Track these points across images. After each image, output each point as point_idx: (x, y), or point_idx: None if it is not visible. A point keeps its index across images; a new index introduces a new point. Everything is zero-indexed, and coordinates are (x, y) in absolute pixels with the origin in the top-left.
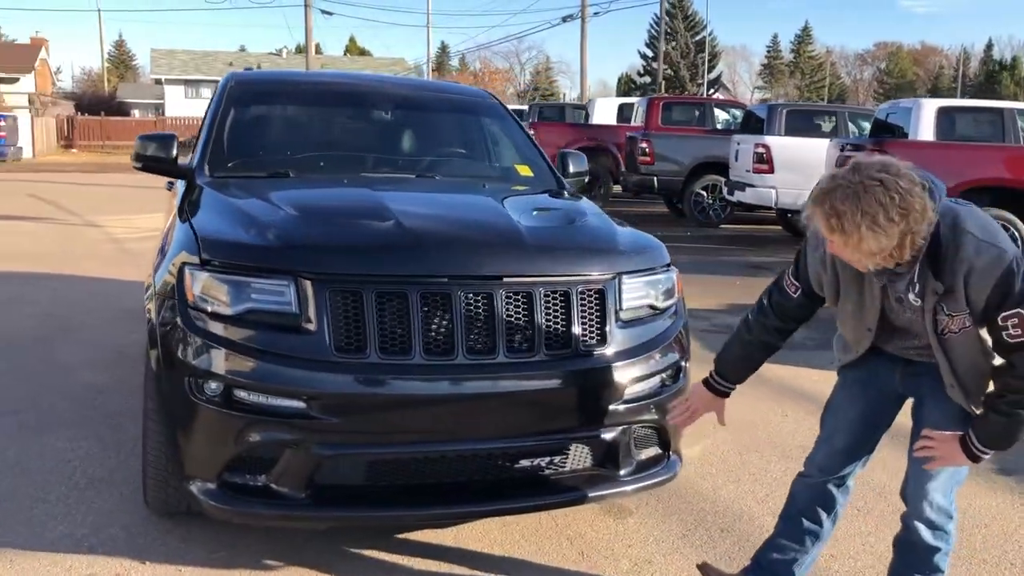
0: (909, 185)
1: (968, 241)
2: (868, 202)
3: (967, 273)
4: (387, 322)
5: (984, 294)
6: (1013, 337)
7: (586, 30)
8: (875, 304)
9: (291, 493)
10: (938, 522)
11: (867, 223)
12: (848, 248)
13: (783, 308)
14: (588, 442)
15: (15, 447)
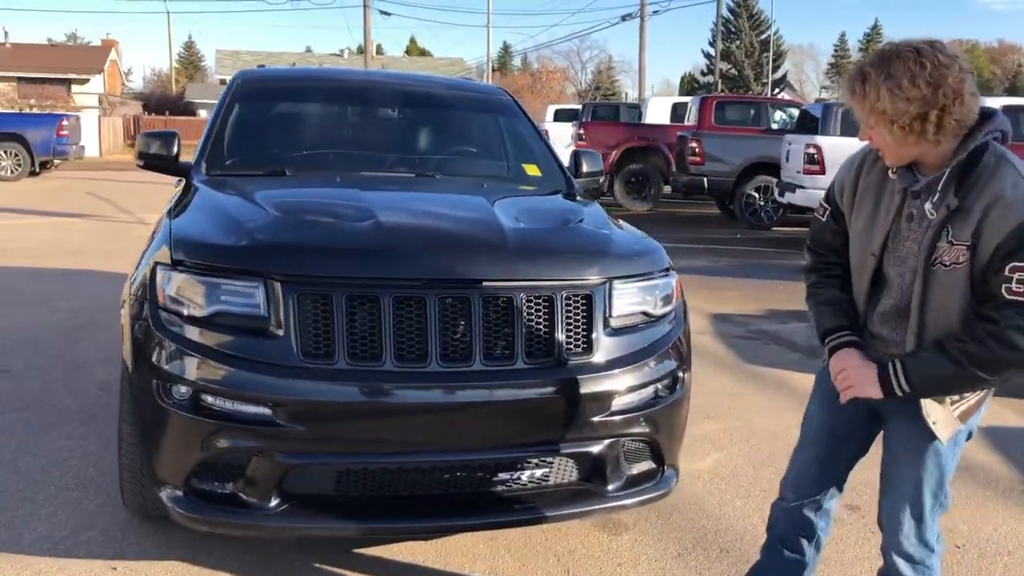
0: (949, 61)
1: (1008, 171)
2: (896, 66)
3: (992, 202)
4: (357, 327)
5: (1002, 233)
6: (1013, 292)
7: (645, 29)
8: (889, 216)
9: (259, 502)
10: (917, 556)
11: (889, 85)
12: (865, 109)
13: (818, 241)
14: (572, 456)
15: (15, 445)
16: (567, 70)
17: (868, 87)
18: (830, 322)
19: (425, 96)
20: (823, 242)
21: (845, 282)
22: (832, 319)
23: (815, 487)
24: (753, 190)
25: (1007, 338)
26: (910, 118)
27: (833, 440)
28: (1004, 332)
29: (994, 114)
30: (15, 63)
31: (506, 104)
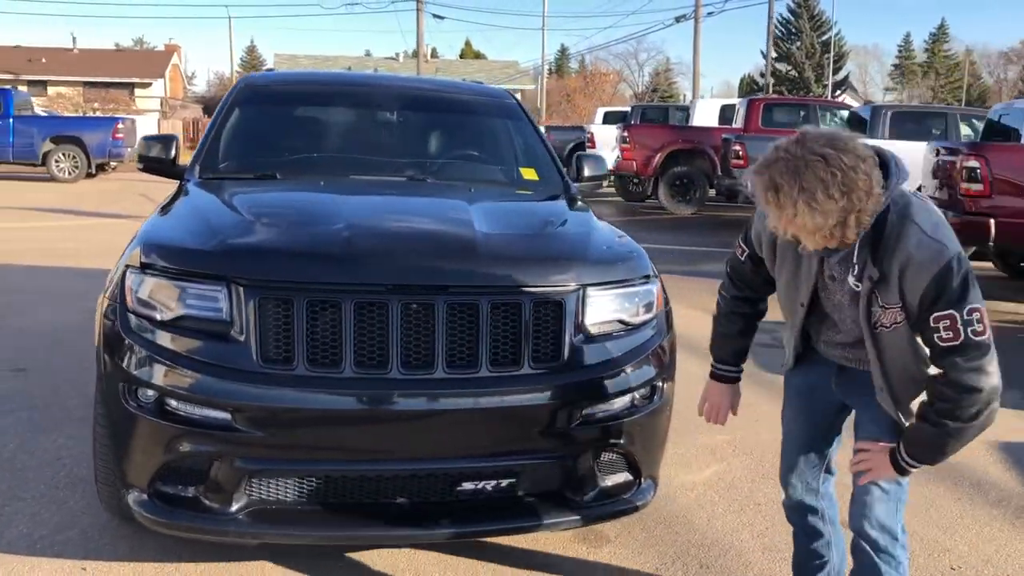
0: (854, 162)
1: (912, 232)
2: (808, 178)
3: (904, 265)
4: (318, 332)
5: (919, 290)
6: (944, 340)
7: (699, 30)
8: (810, 277)
9: (220, 507)
10: (881, 543)
11: (804, 198)
12: (783, 222)
13: (737, 273)
14: (541, 466)
15: (15, 443)
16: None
17: (783, 198)
18: (718, 351)
19: (425, 100)
20: (743, 277)
21: (749, 318)
22: (720, 350)
23: (806, 478)
24: None
25: (961, 383)
26: (830, 228)
27: (813, 437)
28: (955, 379)
29: (890, 175)
30: (82, 68)
31: (508, 107)
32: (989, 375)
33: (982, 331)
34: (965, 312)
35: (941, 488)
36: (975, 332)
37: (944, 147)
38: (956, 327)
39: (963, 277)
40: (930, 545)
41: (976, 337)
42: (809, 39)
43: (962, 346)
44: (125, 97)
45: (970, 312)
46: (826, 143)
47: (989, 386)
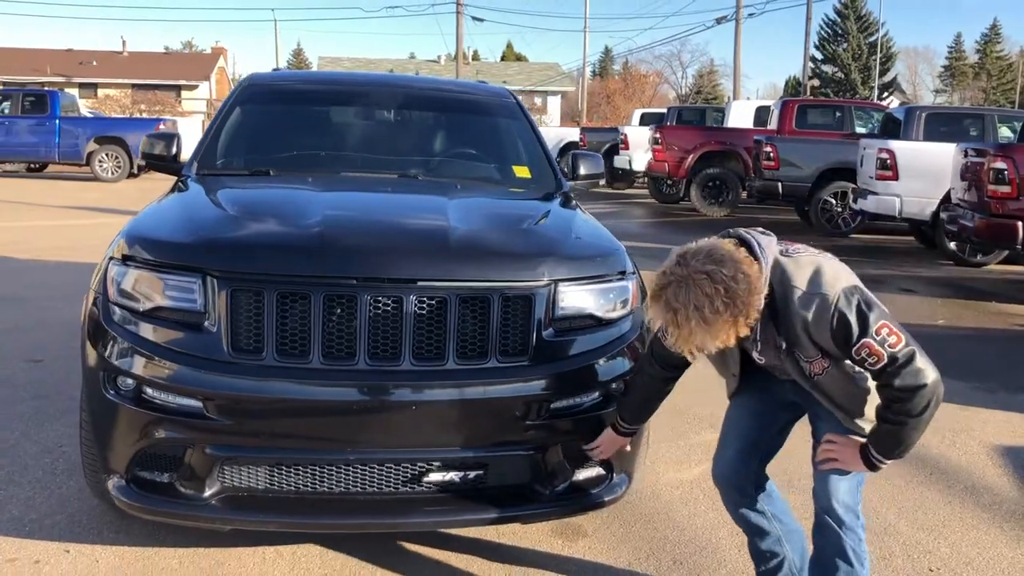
0: (733, 271)
1: (795, 296)
2: (696, 295)
3: (804, 324)
4: (287, 323)
5: (828, 339)
6: (873, 365)
7: (740, 31)
8: (735, 353)
9: (194, 493)
10: (847, 521)
11: (696, 317)
12: (682, 340)
13: (663, 357)
14: (509, 459)
15: (21, 430)
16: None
17: (679, 319)
18: (623, 411)
19: (423, 99)
20: (667, 361)
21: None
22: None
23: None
24: (830, 196)
25: (906, 387)
26: (726, 333)
27: (756, 424)
28: (900, 385)
29: (758, 258)
30: (131, 71)
31: (507, 106)
32: (924, 372)
33: (897, 342)
34: (874, 334)
35: (933, 491)
36: (891, 346)
37: (972, 148)
38: (876, 351)
39: (856, 308)
40: (912, 546)
41: (894, 349)
42: (856, 40)
43: (890, 361)
44: (171, 99)
45: (878, 331)
46: (706, 259)
47: (930, 380)
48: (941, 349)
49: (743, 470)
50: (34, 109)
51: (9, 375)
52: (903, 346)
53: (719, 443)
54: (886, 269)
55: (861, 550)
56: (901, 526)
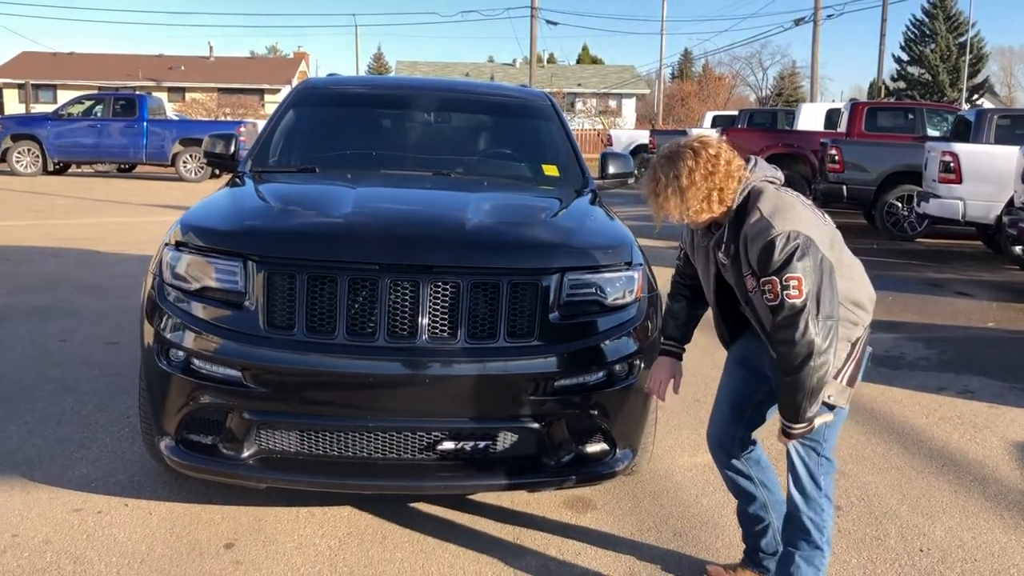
0: (716, 151)
1: (753, 214)
2: (678, 165)
3: (745, 239)
4: (316, 303)
5: (753, 260)
6: (768, 301)
7: (818, 33)
8: (711, 265)
9: (234, 454)
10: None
11: (674, 184)
12: (658, 207)
13: (679, 267)
14: (517, 431)
15: (94, 402)
16: (745, 76)
17: (659, 186)
18: (664, 330)
19: (464, 102)
20: (684, 273)
21: (692, 300)
22: (667, 328)
23: (727, 438)
24: (896, 199)
25: (780, 338)
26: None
27: (738, 398)
28: (777, 337)
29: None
30: (217, 75)
31: (542, 108)
32: (801, 332)
33: (796, 296)
34: (783, 279)
35: (941, 481)
36: (789, 296)
37: None
38: (775, 290)
39: (788, 253)
40: (907, 529)
41: (790, 300)
42: (944, 41)
43: (779, 306)
44: (255, 102)
45: (787, 279)
46: (697, 140)
47: (802, 340)
48: (984, 349)
49: (728, 433)
50: (124, 112)
51: (88, 355)
52: (797, 301)
53: (712, 409)
54: (947, 273)
55: (821, 520)
56: (902, 511)
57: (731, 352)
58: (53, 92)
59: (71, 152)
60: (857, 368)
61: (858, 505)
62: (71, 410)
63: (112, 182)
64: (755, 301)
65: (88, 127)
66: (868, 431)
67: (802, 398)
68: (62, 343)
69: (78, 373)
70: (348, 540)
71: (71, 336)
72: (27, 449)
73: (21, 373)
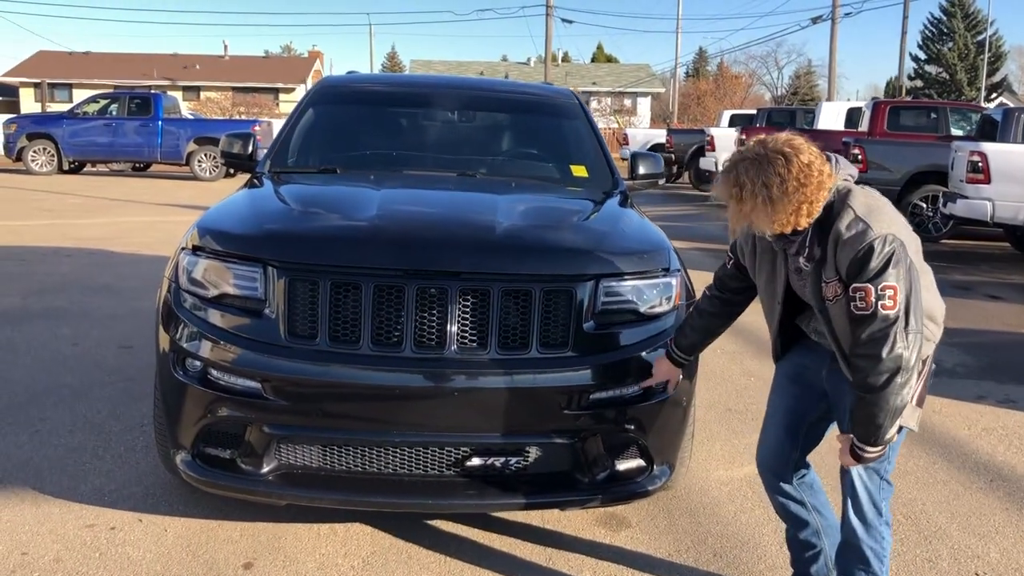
0: (808, 159)
1: (846, 214)
2: (768, 174)
3: (835, 243)
4: (340, 311)
5: (846, 264)
6: (858, 309)
7: (836, 31)
8: (781, 274)
9: (253, 469)
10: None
11: (763, 195)
12: (741, 217)
13: (722, 280)
14: (550, 446)
15: (108, 409)
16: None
17: (745, 193)
18: (678, 335)
19: (488, 100)
20: (725, 285)
21: (721, 318)
22: (681, 338)
23: (781, 462)
24: (920, 199)
25: (868, 353)
26: (786, 216)
27: (791, 419)
28: (863, 350)
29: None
30: (232, 74)
31: (569, 107)
32: (890, 346)
33: (891, 306)
34: (879, 287)
35: (991, 497)
36: (884, 306)
37: None
38: (869, 299)
39: (885, 257)
40: (960, 551)
41: (884, 310)
42: (963, 39)
43: (871, 316)
44: (269, 101)
45: (883, 288)
46: (785, 143)
47: (890, 355)
48: (1018, 355)
49: (781, 456)
50: (139, 111)
51: (101, 359)
52: (892, 312)
53: (761, 430)
54: (975, 275)
55: (881, 548)
56: (952, 530)
57: (781, 367)
58: (69, 91)
59: (86, 151)
60: (925, 388)
61: (905, 524)
62: (84, 417)
63: (127, 181)
64: (833, 311)
65: (103, 126)
66: (909, 442)
67: (884, 418)
68: (75, 346)
69: (91, 378)
70: (372, 560)
71: (84, 339)
72: (38, 460)
73: (33, 378)
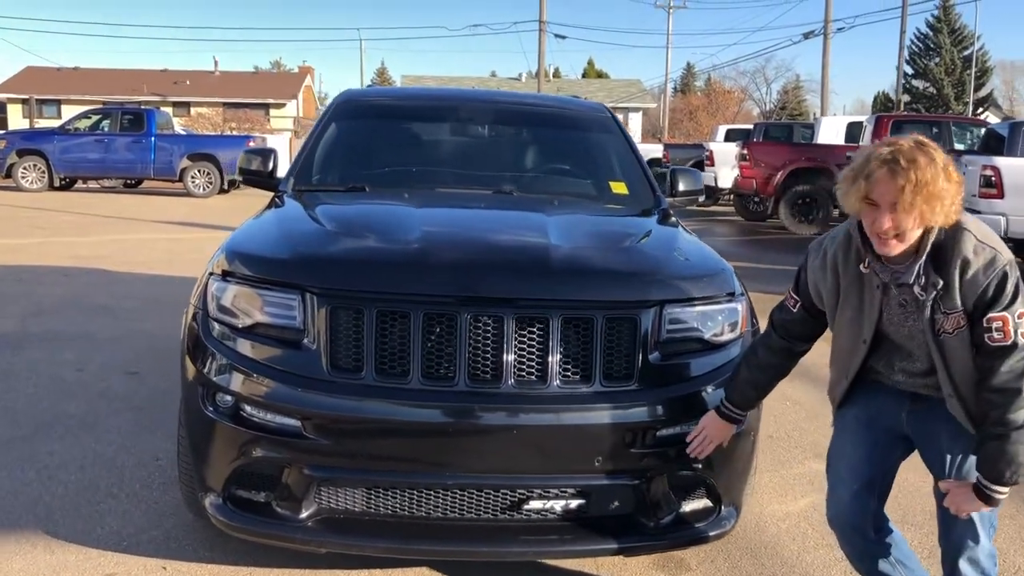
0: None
1: (967, 239)
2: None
3: (962, 269)
4: (387, 342)
5: (976, 293)
6: (995, 341)
7: (828, 46)
8: (874, 308)
9: (290, 514)
10: (986, 567)
11: (943, 173)
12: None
13: (784, 325)
14: (613, 488)
15: (119, 442)
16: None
17: (918, 169)
18: (733, 393)
19: (519, 114)
20: (788, 329)
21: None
22: (735, 392)
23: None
24: None
25: (1007, 387)
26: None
27: (871, 469)
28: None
29: None
30: (222, 90)
31: (602, 121)
32: None
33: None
34: (1016, 315)
35: None
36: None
37: None
38: (1007, 328)
39: (1016, 282)
40: None
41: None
42: (949, 54)
43: (1012, 346)
44: (260, 117)
45: (1020, 316)
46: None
47: None
48: None
49: (862, 511)
50: (131, 127)
51: (107, 387)
52: None
53: (830, 482)
54: None
55: None
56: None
57: (849, 412)
58: (57, 107)
59: (78, 167)
60: None
61: None
62: (93, 451)
63: (119, 198)
64: (950, 345)
65: (95, 142)
66: None
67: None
68: (79, 372)
69: (98, 407)
70: None
71: (87, 364)
72: (48, 499)
73: (37, 408)
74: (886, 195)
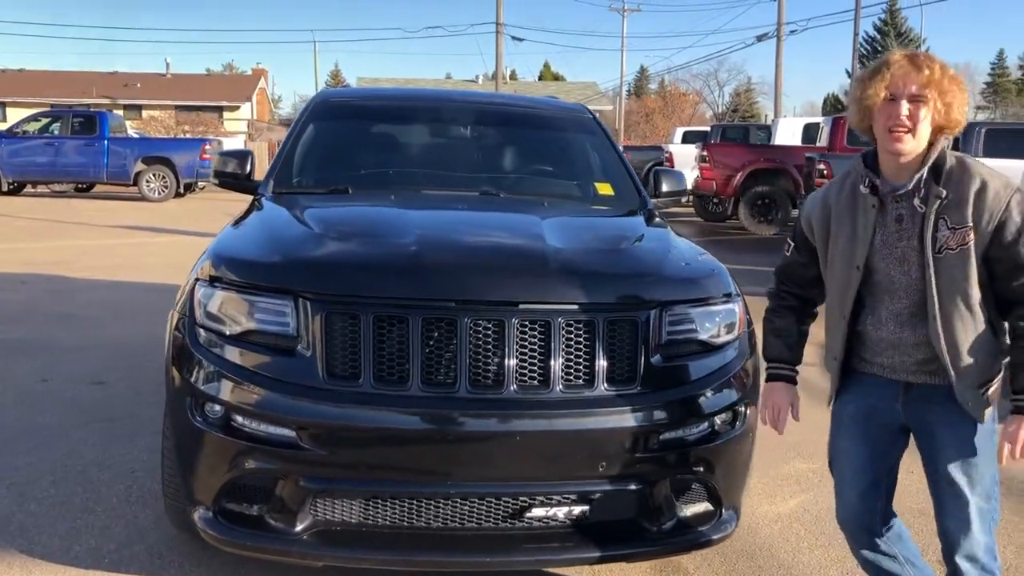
0: None
1: (978, 166)
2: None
3: (980, 189)
4: (385, 348)
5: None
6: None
7: (781, 49)
8: (868, 230)
9: (285, 527)
10: (987, 564)
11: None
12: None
13: (784, 272)
14: (616, 493)
15: (91, 455)
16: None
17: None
18: (770, 350)
19: (501, 115)
20: (791, 276)
21: (799, 313)
22: (775, 349)
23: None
24: None
25: None
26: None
27: (875, 467)
28: None
29: None
30: (174, 92)
31: (585, 122)
32: None
33: None
34: None
35: None
36: None
37: None
38: None
39: None
40: None
41: None
42: None
43: None
44: (214, 120)
45: None
46: None
47: None
48: None
49: (870, 511)
50: (83, 130)
51: (74, 397)
52: None
53: (836, 485)
54: None
55: None
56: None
57: (845, 410)
58: (3, 110)
59: (27, 171)
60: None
61: None
62: (65, 465)
63: (71, 202)
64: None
65: (46, 145)
66: None
67: None
68: (44, 383)
69: (66, 419)
70: None
71: (52, 374)
72: (21, 517)
73: (2, 421)
74: (909, 83)
